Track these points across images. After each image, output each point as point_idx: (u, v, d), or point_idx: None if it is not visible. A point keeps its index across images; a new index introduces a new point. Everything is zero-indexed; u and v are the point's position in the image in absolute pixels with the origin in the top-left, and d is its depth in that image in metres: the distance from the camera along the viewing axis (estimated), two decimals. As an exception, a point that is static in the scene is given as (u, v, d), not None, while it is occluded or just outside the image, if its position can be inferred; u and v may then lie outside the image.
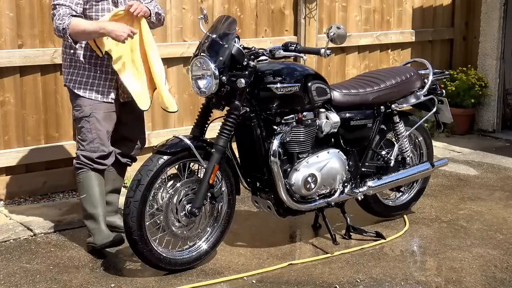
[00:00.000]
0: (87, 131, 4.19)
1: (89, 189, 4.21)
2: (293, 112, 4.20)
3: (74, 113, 4.26)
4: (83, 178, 4.22)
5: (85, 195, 4.21)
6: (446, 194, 5.60)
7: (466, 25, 7.94)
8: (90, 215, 4.20)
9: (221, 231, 4.20)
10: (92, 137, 4.19)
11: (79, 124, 4.23)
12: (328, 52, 4.03)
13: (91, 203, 4.20)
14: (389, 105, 4.68)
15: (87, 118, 4.19)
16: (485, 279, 4.05)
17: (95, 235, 4.16)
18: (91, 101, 4.19)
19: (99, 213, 4.20)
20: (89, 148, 4.20)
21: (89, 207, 4.20)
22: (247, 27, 6.25)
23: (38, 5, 5.16)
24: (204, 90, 4.00)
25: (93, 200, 4.20)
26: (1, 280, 3.90)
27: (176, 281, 3.93)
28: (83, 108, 4.19)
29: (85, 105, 4.19)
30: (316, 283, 3.96)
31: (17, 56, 5.06)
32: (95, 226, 4.19)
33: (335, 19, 6.84)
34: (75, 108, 4.24)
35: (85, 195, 4.21)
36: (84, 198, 4.22)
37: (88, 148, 4.20)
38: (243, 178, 4.26)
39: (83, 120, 4.19)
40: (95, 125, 4.19)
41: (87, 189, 4.21)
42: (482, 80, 7.48)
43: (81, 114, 4.20)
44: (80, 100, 4.20)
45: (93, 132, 4.19)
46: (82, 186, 4.23)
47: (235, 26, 4.08)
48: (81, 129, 4.22)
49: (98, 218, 4.19)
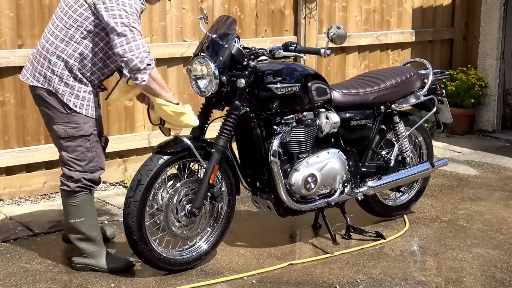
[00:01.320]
0: (86, 150, 3.88)
1: (88, 212, 3.96)
2: (293, 112, 4.20)
3: (67, 130, 3.85)
4: (81, 201, 3.93)
5: (83, 219, 3.94)
6: (446, 194, 5.60)
7: (466, 25, 7.94)
8: (89, 238, 3.97)
9: (221, 231, 4.20)
10: (91, 156, 3.90)
11: (74, 143, 3.86)
12: (328, 52, 4.03)
13: (90, 227, 3.97)
14: (389, 105, 4.68)
15: (88, 137, 3.88)
16: (485, 279, 4.05)
17: (97, 257, 3.99)
18: (88, 118, 3.86)
19: (98, 235, 4.01)
20: (88, 168, 3.90)
21: (88, 230, 3.96)
22: (247, 27, 6.25)
23: (38, 5, 5.16)
24: (204, 90, 4.00)
25: (92, 223, 3.99)
26: (1, 280, 3.90)
27: (176, 281, 3.93)
28: (82, 126, 3.85)
29: (84, 123, 3.85)
30: (316, 283, 3.96)
31: (17, 56, 5.06)
32: (95, 248, 3.99)
33: (335, 19, 6.84)
34: (70, 125, 3.84)
35: (83, 219, 3.94)
36: (81, 221, 3.94)
37: (88, 169, 3.90)
38: (243, 178, 4.26)
39: (82, 139, 3.86)
40: (95, 144, 3.92)
41: (87, 213, 3.95)
42: (482, 80, 7.48)
43: (80, 132, 3.85)
44: (77, 117, 3.83)
45: (92, 151, 3.90)
46: (80, 209, 3.94)
47: (235, 26, 4.08)
48: (76, 147, 3.87)
49: (97, 240, 3.99)
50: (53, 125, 3.89)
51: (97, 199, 5.25)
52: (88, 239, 3.97)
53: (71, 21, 3.78)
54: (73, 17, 3.78)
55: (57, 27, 3.83)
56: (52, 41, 3.81)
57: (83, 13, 3.76)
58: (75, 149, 3.88)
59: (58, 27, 3.82)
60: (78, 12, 3.76)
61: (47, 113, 3.91)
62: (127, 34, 3.67)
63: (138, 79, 3.74)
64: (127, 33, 3.67)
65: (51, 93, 3.83)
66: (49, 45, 3.82)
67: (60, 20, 3.83)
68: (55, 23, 3.86)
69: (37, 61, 3.88)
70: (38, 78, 3.86)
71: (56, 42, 3.81)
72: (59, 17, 3.85)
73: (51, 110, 3.87)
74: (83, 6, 3.76)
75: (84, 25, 3.77)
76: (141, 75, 3.72)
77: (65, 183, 3.92)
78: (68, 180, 3.91)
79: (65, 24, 3.79)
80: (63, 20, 3.81)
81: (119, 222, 4.69)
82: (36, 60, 3.89)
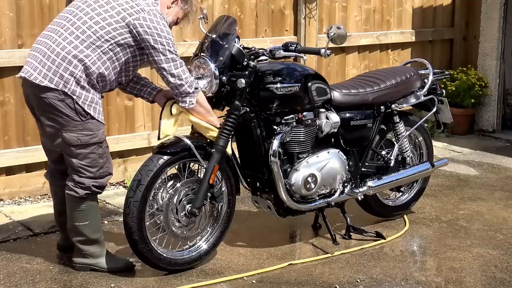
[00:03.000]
0: (98, 157, 3.84)
1: (93, 217, 3.93)
2: (293, 112, 4.20)
3: (80, 138, 3.77)
4: (88, 206, 3.89)
5: (88, 222, 3.90)
6: (446, 194, 5.60)
7: (466, 25, 7.94)
8: (92, 240, 3.95)
9: (221, 231, 4.20)
10: (102, 162, 3.87)
11: (87, 150, 3.80)
12: (328, 52, 4.03)
13: (93, 230, 3.94)
14: (389, 105, 4.68)
15: (101, 143, 3.84)
16: (485, 279, 4.05)
17: (97, 257, 3.98)
18: (101, 124, 3.83)
19: (101, 236, 3.99)
20: (99, 174, 3.86)
21: (92, 233, 3.93)
22: (247, 27, 6.25)
23: (38, 5, 5.16)
24: (204, 90, 4.00)
25: (96, 226, 3.96)
26: (1, 280, 3.89)
27: (176, 281, 3.93)
28: (96, 133, 3.80)
29: (98, 130, 3.81)
30: (316, 283, 3.96)
31: (17, 56, 5.06)
32: (97, 249, 3.97)
33: (335, 19, 6.84)
34: (83, 133, 3.77)
35: (88, 222, 3.90)
36: (85, 225, 3.91)
37: (98, 175, 3.86)
38: (243, 178, 4.26)
39: (95, 145, 3.82)
40: (106, 149, 3.90)
41: (91, 217, 3.92)
42: (482, 80, 7.48)
43: (94, 139, 3.80)
44: (91, 124, 3.78)
45: (104, 157, 3.87)
46: (85, 214, 3.90)
47: (235, 26, 4.08)
48: (89, 154, 3.81)
49: (100, 241, 3.98)
50: (64, 133, 3.78)
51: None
52: (91, 241, 3.95)
53: (102, 31, 3.75)
54: (106, 28, 3.76)
55: (83, 32, 3.74)
56: (76, 45, 3.72)
57: (118, 29, 3.77)
58: (87, 156, 3.82)
59: (85, 33, 3.74)
60: (113, 26, 3.76)
61: (57, 120, 3.78)
62: (176, 60, 3.83)
63: (187, 102, 3.88)
64: (176, 59, 3.83)
65: (64, 97, 3.72)
66: (72, 47, 3.72)
67: (88, 27, 3.75)
68: (79, 27, 3.75)
69: (51, 60, 3.73)
70: (51, 78, 3.71)
71: (81, 46, 3.73)
72: (85, 23, 3.76)
73: (62, 118, 3.75)
74: (119, 23, 3.77)
75: (116, 39, 3.77)
76: (190, 98, 3.88)
77: (74, 189, 3.85)
78: (77, 186, 3.84)
79: (95, 32, 3.74)
80: (92, 28, 3.75)
81: (119, 222, 4.69)
82: (47, 58, 3.74)
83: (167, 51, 3.80)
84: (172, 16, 4.05)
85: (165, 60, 3.80)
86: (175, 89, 3.85)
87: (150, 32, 3.77)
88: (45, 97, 3.75)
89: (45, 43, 3.81)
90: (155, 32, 3.77)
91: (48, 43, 3.79)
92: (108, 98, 5.55)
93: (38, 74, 3.74)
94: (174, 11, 4.04)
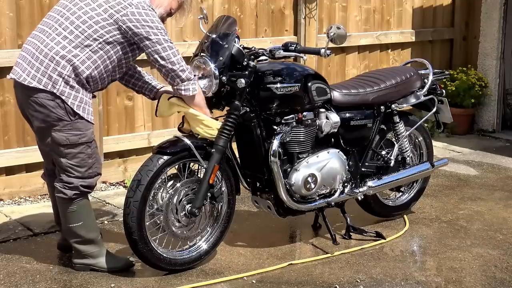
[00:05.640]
0: (86, 157, 3.82)
1: (86, 216, 3.91)
2: (293, 112, 4.20)
3: (69, 137, 3.76)
4: (78, 207, 3.87)
5: (82, 223, 3.89)
6: (446, 194, 5.60)
7: (466, 25, 7.94)
8: (89, 240, 3.94)
9: (221, 231, 4.20)
10: (91, 162, 3.85)
11: (76, 149, 3.78)
12: (328, 52, 4.03)
13: (88, 230, 3.93)
14: (389, 105, 4.68)
15: (90, 143, 3.83)
16: (485, 279, 4.05)
17: (97, 257, 3.97)
18: (90, 124, 3.81)
19: (97, 236, 3.97)
20: (87, 174, 3.84)
21: (87, 233, 3.92)
22: (247, 27, 6.26)
23: (38, 5, 5.17)
24: (204, 90, 4.00)
25: (91, 226, 3.95)
26: (1, 280, 3.90)
27: (176, 281, 3.93)
28: (85, 133, 3.79)
29: (87, 129, 3.80)
30: (316, 283, 3.96)
31: (17, 56, 5.01)
32: (95, 249, 3.97)
33: (335, 19, 6.84)
34: (72, 132, 3.76)
35: (82, 223, 3.89)
36: (80, 225, 3.89)
37: (87, 175, 3.83)
38: (243, 178, 4.26)
39: (84, 145, 3.80)
40: (95, 149, 3.88)
41: (84, 217, 3.90)
42: (482, 80, 7.48)
43: (83, 139, 3.79)
44: (80, 123, 3.77)
45: (93, 157, 3.85)
46: (77, 215, 3.88)
47: (235, 26, 4.08)
48: (77, 154, 3.79)
49: (97, 241, 3.97)
50: (53, 132, 3.77)
51: (97, 199, 5.26)
52: (87, 241, 3.95)
53: (90, 30, 3.74)
54: (93, 27, 3.74)
55: (71, 32, 3.73)
56: (64, 45, 3.71)
57: (106, 27, 3.75)
58: (76, 155, 3.80)
59: (73, 33, 3.73)
60: (100, 24, 3.74)
61: (45, 120, 3.77)
62: (173, 48, 3.81)
63: (190, 90, 3.87)
64: (173, 47, 3.82)
65: (53, 98, 3.72)
66: (60, 48, 3.71)
67: (76, 26, 3.73)
68: (67, 27, 3.74)
69: (39, 61, 3.75)
70: (39, 79, 3.72)
71: (69, 47, 3.72)
72: (73, 23, 3.74)
73: (52, 117, 3.74)
74: (107, 20, 3.75)
75: (104, 37, 3.75)
76: (192, 85, 3.87)
77: (62, 190, 3.84)
78: (65, 187, 3.83)
79: (83, 32, 3.73)
80: (80, 27, 3.73)
81: (119, 222, 4.69)
82: (35, 59, 3.76)
83: (162, 39, 3.77)
84: (165, 7, 3.99)
85: (162, 49, 3.77)
86: (176, 77, 3.81)
87: (140, 25, 3.75)
88: (37, 97, 3.75)
89: (33, 43, 3.81)
90: (146, 24, 3.75)
91: (36, 43, 3.80)
92: (108, 98, 5.55)
93: (27, 75, 3.77)
94: (166, 1, 3.99)
